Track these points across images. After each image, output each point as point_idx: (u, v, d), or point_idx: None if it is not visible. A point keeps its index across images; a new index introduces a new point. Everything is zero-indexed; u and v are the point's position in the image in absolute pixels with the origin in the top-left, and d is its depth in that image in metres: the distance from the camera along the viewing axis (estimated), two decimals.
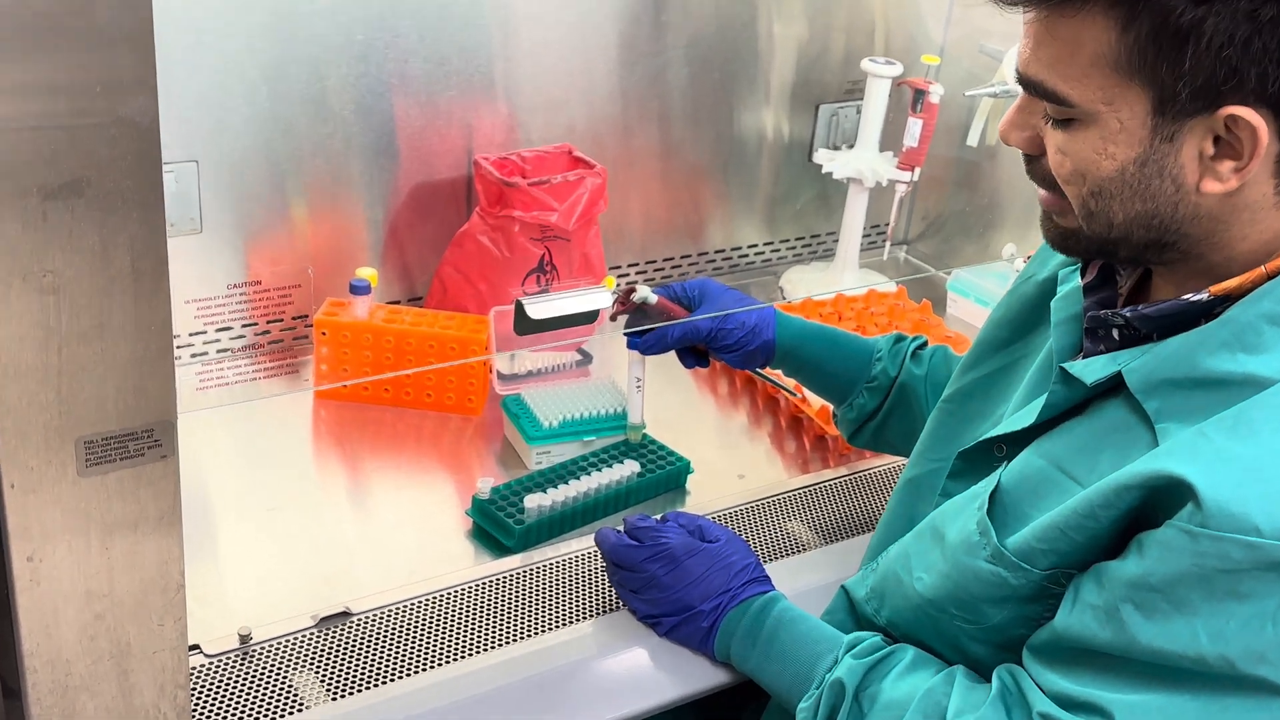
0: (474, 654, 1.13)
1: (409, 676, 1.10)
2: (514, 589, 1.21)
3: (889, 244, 1.97)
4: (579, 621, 1.18)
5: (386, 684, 1.09)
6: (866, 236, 1.97)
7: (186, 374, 1.55)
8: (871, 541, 1.18)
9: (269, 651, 1.10)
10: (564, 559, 1.26)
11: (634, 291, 1.34)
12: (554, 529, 1.33)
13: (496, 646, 1.14)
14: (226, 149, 1.50)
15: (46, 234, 0.71)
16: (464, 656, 1.12)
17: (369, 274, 1.52)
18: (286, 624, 1.13)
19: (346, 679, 1.09)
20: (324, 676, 1.09)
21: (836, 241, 1.95)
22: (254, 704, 1.05)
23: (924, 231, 2.12)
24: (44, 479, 0.77)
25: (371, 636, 1.13)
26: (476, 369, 1.52)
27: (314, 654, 1.11)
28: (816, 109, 1.94)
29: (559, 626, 1.17)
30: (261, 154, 1.52)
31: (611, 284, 1.59)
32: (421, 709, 1.06)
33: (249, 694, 1.06)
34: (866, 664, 1.01)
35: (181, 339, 1.55)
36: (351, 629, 1.14)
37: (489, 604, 1.19)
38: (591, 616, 1.19)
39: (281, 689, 1.07)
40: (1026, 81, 0.90)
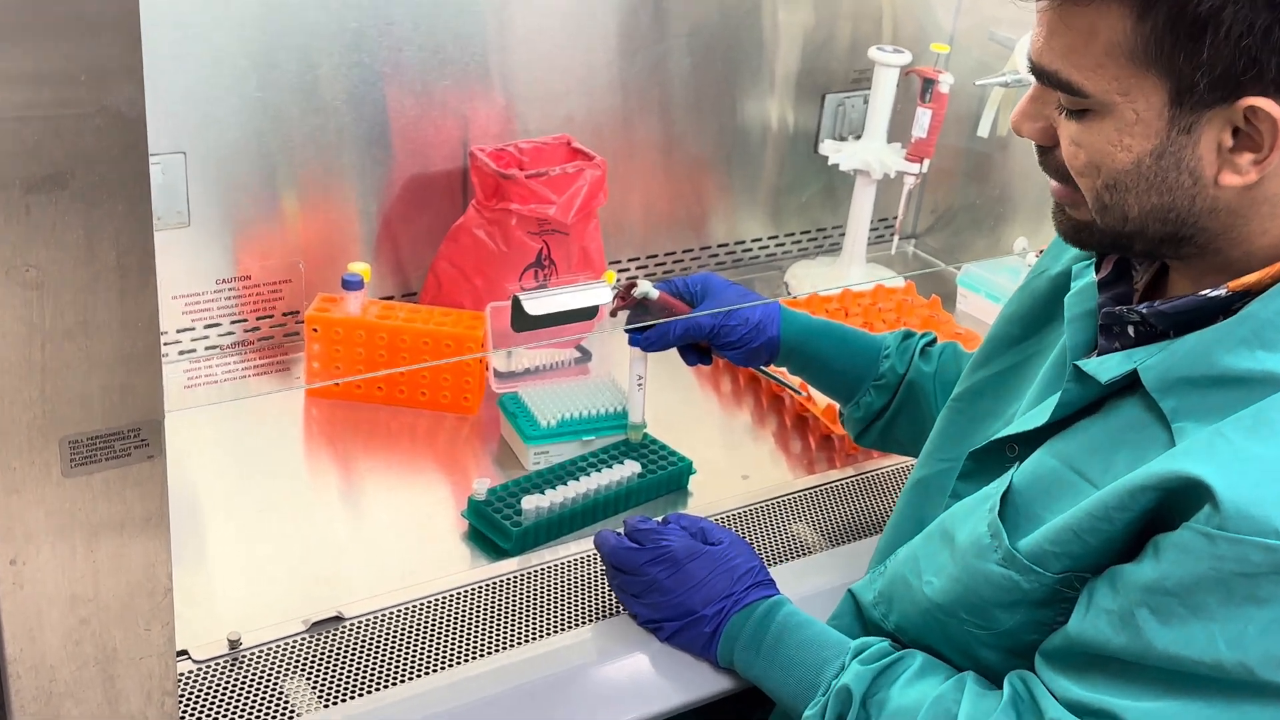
0: (469, 660, 1.13)
1: (403, 683, 1.10)
2: (511, 593, 1.21)
3: (897, 238, 1.97)
4: (578, 627, 1.18)
5: (380, 691, 1.09)
6: (874, 230, 1.97)
7: (174, 372, 1.54)
8: (879, 544, 1.18)
9: (259, 657, 1.10)
10: (562, 562, 1.26)
11: (635, 287, 1.34)
12: (552, 531, 1.33)
13: (493, 652, 1.14)
14: (215, 140, 1.50)
15: (29, 227, 0.71)
16: (459, 663, 1.12)
17: (362, 269, 1.52)
18: (277, 629, 1.13)
19: (338, 686, 1.09)
20: (315, 683, 1.09)
21: (843, 235, 1.95)
22: (243, 711, 1.05)
23: (933, 225, 2.12)
24: (27, 479, 0.77)
25: (364, 642, 1.13)
26: (472, 366, 1.52)
27: (305, 660, 1.11)
28: (822, 99, 1.94)
29: (557, 632, 1.17)
30: (251, 145, 1.52)
31: (611, 279, 1.59)
32: (416, 716, 1.06)
33: (238, 701, 1.06)
34: (874, 670, 1.01)
35: (169, 335, 1.56)
36: (344, 634, 1.14)
37: (485, 609, 1.19)
38: (590, 622, 1.19)
39: (272, 696, 1.07)
40: (1039, 71, 0.90)
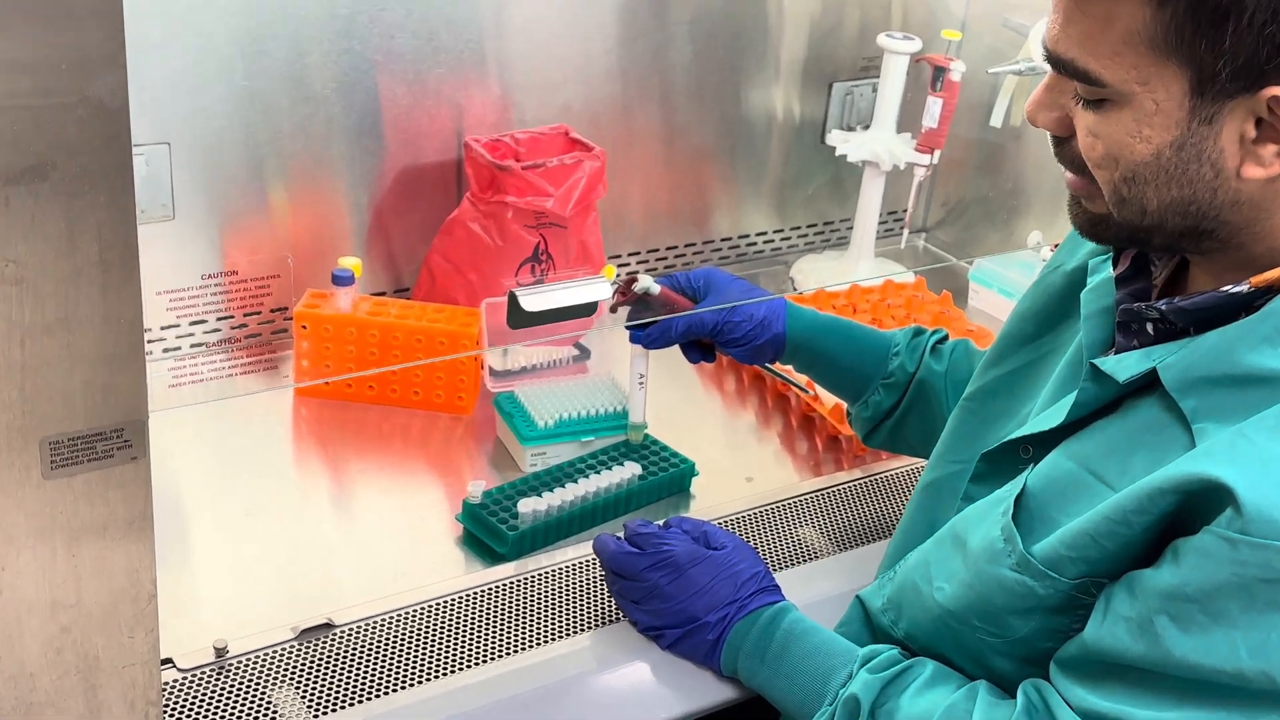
0: (464, 668, 1.13)
1: (395, 692, 1.10)
2: (507, 599, 1.21)
3: (907, 231, 1.97)
4: (576, 634, 1.18)
5: (371, 700, 1.09)
6: (883, 223, 1.97)
7: (158, 370, 1.54)
8: (888, 549, 1.18)
9: (246, 666, 1.10)
10: (560, 567, 1.26)
11: (635, 282, 1.34)
12: (550, 535, 1.33)
13: (488, 661, 1.14)
14: (200, 130, 1.50)
15: (9, 220, 0.71)
16: (453, 671, 1.13)
17: (352, 264, 1.52)
18: (265, 636, 1.13)
19: (328, 695, 1.09)
20: (304, 692, 1.09)
21: (851, 229, 1.95)
22: None
23: (944, 218, 2.12)
24: (6, 482, 0.77)
25: (355, 650, 1.13)
26: (467, 365, 1.52)
27: (294, 668, 1.11)
28: (830, 87, 1.94)
29: (555, 639, 1.17)
30: (238, 136, 1.52)
31: (611, 274, 1.59)
32: None
33: (225, 711, 1.06)
34: (883, 679, 1.01)
35: (153, 333, 1.55)
36: (334, 642, 1.14)
37: (480, 615, 1.19)
38: (590, 629, 1.19)
39: (259, 705, 1.07)
40: (1055, 59, 0.89)
